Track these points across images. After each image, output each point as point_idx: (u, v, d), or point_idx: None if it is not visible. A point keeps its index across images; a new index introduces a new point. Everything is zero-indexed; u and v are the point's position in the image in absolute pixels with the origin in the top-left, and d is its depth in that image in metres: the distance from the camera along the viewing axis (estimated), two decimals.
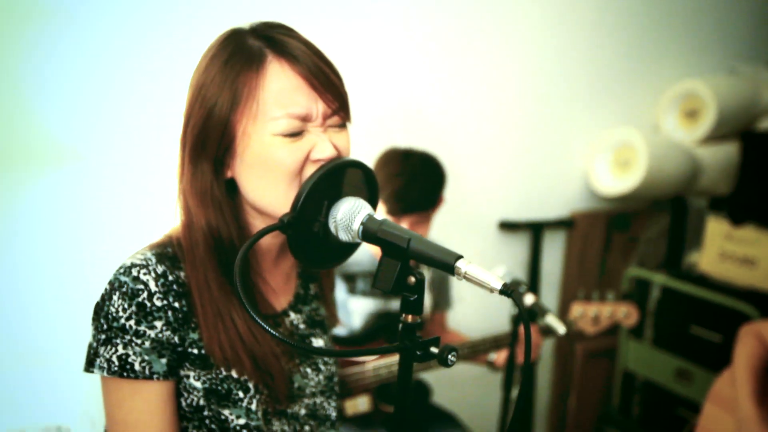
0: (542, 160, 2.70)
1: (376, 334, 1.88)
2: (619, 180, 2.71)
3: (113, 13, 1.70)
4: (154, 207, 1.72)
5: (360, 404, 1.81)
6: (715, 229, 2.70)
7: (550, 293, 2.84)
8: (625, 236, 2.95)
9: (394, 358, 1.81)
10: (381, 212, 1.80)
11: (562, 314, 2.65)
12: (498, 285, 0.77)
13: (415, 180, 1.80)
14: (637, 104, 2.88)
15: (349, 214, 0.87)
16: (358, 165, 0.93)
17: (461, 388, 2.42)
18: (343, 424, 1.82)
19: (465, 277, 0.79)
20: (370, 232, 0.85)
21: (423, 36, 2.29)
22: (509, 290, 0.76)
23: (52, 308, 1.81)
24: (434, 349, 0.82)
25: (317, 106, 0.93)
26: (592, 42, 2.69)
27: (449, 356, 0.80)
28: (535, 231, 2.69)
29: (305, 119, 0.92)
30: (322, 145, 0.92)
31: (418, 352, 0.82)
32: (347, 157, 0.92)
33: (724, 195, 2.86)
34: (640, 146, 2.61)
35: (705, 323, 2.60)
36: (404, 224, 1.80)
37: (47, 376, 1.72)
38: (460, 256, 0.80)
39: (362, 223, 0.86)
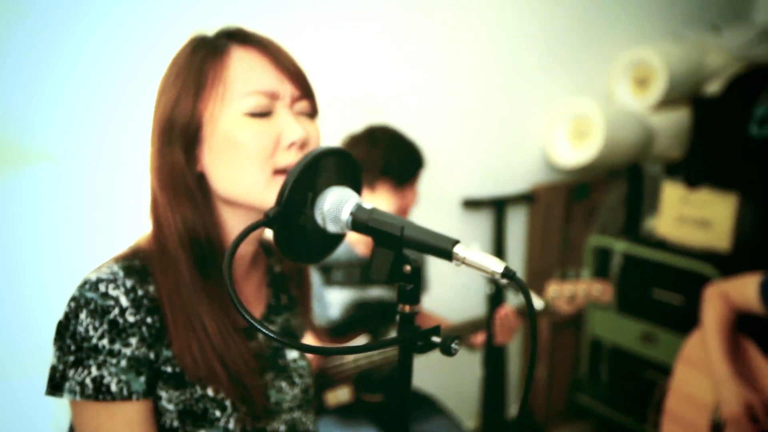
0: (501, 136, 2.70)
1: (355, 324, 1.85)
2: (577, 151, 2.74)
3: (112, 13, 1.69)
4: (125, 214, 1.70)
5: (341, 395, 1.78)
6: (671, 193, 2.76)
7: (515, 267, 2.84)
8: (585, 206, 3.00)
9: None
10: (383, 189, 1.84)
11: (531, 289, 2.67)
12: (499, 268, 0.74)
13: (406, 144, 1.87)
14: (590, 74, 2.91)
15: (337, 204, 0.83)
16: (340, 153, 0.89)
17: (438, 369, 2.41)
18: (324, 416, 1.79)
19: (464, 263, 0.76)
20: (360, 222, 0.82)
21: (377, 16, 2.25)
22: (511, 273, 0.74)
23: (47, 311, 1.74)
24: (436, 339, 0.79)
25: (284, 87, 0.93)
26: (543, 14, 2.70)
27: (452, 345, 0.78)
28: (498, 207, 2.70)
29: (273, 97, 0.91)
30: (292, 127, 0.91)
31: (420, 343, 0.79)
32: (328, 146, 0.88)
33: (678, 160, 2.92)
34: (596, 117, 2.64)
35: (667, 286, 2.66)
36: (409, 190, 1.87)
37: (18, 389, 1.65)
38: (457, 241, 0.77)
39: (351, 213, 0.82)
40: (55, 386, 0.87)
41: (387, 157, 1.81)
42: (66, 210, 1.74)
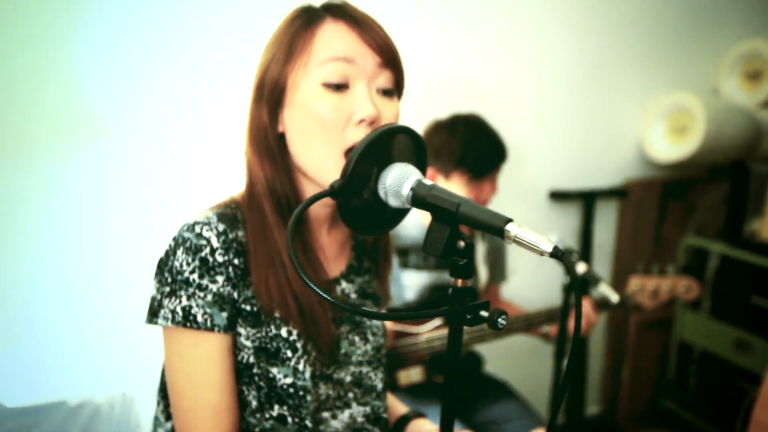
0: (594, 128, 2.64)
1: (430, 306, 1.89)
2: (674, 146, 2.63)
3: (122, 4, 1.69)
4: (154, 202, 1.73)
5: (413, 375, 1.82)
6: None
7: (603, 264, 2.79)
8: (681, 205, 2.87)
9: (446, 330, 1.82)
10: (459, 180, 1.84)
11: (617, 286, 2.61)
12: (548, 248, 0.76)
13: (489, 137, 1.86)
14: (695, 67, 2.77)
15: (399, 179, 0.87)
16: (407, 131, 0.93)
17: (514, 358, 2.41)
18: (396, 394, 1.84)
19: (515, 241, 0.78)
20: (420, 197, 0.85)
21: (470, 3, 2.25)
22: (560, 253, 0.76)
23: (47, 311, 1.74)
24: (484, 313, 0.82)
25: (365, 55, 0.96)
26: (647, 6, 2.60)
27: (499, 319, 0.80)
28: (587, 200, 2.64)
29: (349, 61, 0.95)
30: (364, 104, 0.94)
31: (468, 316, 0.82)
32: (396, 124, 0.92)
33: None
34: (697, 110, 2.52)
35: (766, 293, 2.52)
36: (487, 183, 1.86)
37: (114, 344, 1.74)
38: (510, 220, 0.79)
39: (412, 189, 0.86)
40: (153, 313, 0.98)
41: (464, 147, 1.81)
42: (67, 204, 1.73)
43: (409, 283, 1.90)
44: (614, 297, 1.61)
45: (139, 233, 1.74)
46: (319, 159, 0.96)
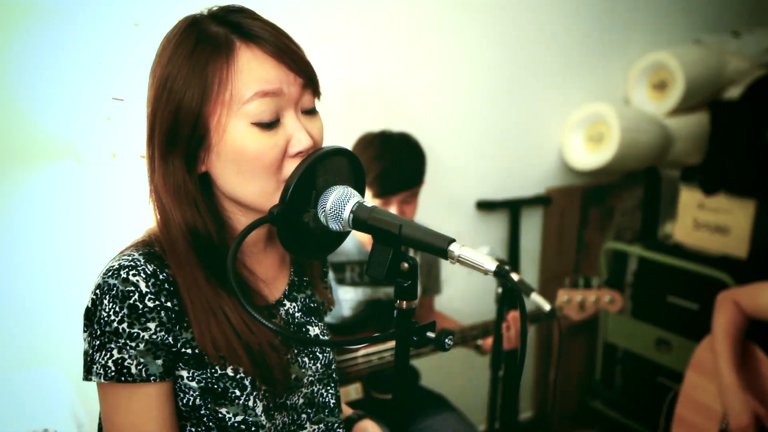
0: (517, 139, 2.71)
1: (366, 322, 1.88)
2: (593, 154, 2.73)
3: (115, 9, 1.69)
4: (144, 210, 1.70)
5: (352, 392, 1.81)
6: (688, 198, 2.75)
7: (530, 271, 2.86)
8: (601, 210, 2.99)
9: (385, 345, 1.81)
10: (368, 196, 1.80)
11: (544, 292, 2.68)
12: (492, 267, 0.76)
13: (399, 158, 1.82)
14: (607, 78, 2.90)
15: (339, 203, 0.86)
16: (343, 152, 0.92)
17: (448, 370, 2.43)
18: None
19: (459, 261, 0.78)
20: (361, 220, 0.84)
21: (392, 17, 2.27)
22: (504, 271, 0.76)
23: (37, 311, 1.79)
24: (431, 334, 0.82)
25: (288, 80, 0.91)
26: (560, 18, 2.70)
27: (446, 340, 0.80)
28: (513, 209, 2.71)
29: (277, 94, 0.90)
30: (298, 136, 0.91)
31: (415, 338, 0.82)
32: (332, 146, 0.91)
33: (695, 165, 2.90)
34: (612, 120, 2.64)
35: (682, 292, 2.65)
36: (394, 204, 1.81)
37: (31, 379, 1.69)
38: (453, 240, 0.79)
39: (352, 212, 0.85)
40: (87, 370, 0.91)
41: (369, 164, 1.78)
42: (66, 206, 1.78)
43: (346, 299, 1.88)
44: (546, 306, 1.65)
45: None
46: (259, 191, 0.92)
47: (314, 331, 1.10)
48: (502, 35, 2.55)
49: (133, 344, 0.89)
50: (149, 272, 0.91)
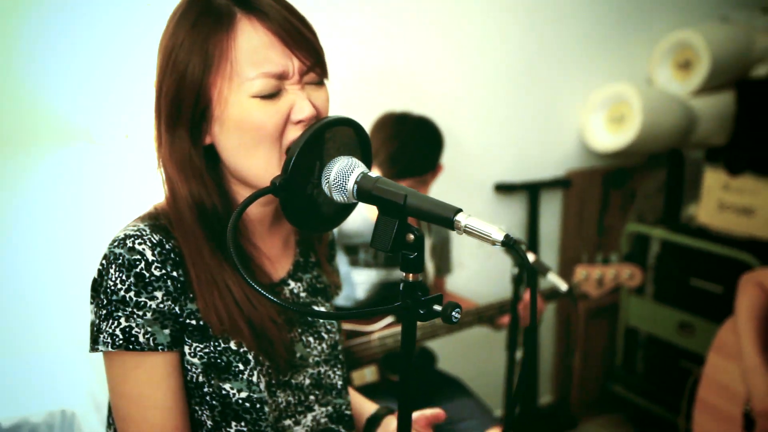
0: (536, 120, 2.67)
1: (381, 304, 1.86)
2: (614, 136, 2.68)
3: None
4: (155, 190, 1.70)
5: (367, 374, 1.80)
6: (713, 180, 2.68)
7: (549, 254, 2.82)
8: (622, 192, 2.94)
9: (399, 328, 1.80)
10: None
11: (564, 274, 2.64)
12: (500, 236, 0.74)
13: (411, 142, 1.79)
14: (630, 58, 2.84)
15: (343, 173, 0.84)
16: (349, 122, 0.90)
17: (466, 353, 2.41)
18: None
19: (465, 231, 0.76)
20: (365, 191, 0.82)
21: (414, 1, 2.24)
22: (511, 241, 0.74)
23: (52, 294, 1.80)
24: (437, 307, 0.80)
25: (292, 63, 0.90)
26: None
27: (453, 312, 0.78)
28: (532, 192, 2.67)
29: (281, 77, 0.89)
30: (300, 104, 0.90)
31: (421, 311, 0.80)
32: (336, 115, 0.89)
33: (720, 146, 2.83)
34: (634, 101, 2.58)
35: (705, 275, 2.60)
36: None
37: (49, 360, 1.71)
38: (459, 210, 0.77)
39: (356, 182, 0.83)
40: (93, 340, 0.91)
41: (380, 145, 1.76)
42: (67, 194, 1.78)
43: (360, 281, 1.87)
44: (563, 286, 1.62)
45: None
46: (263, 164, 0.91)
47: (321, 309, 1.08)
48: (521, 15, 2.51)
49: (140, 313, 0.89)
50: (155, 241, 0.91)
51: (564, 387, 2.96)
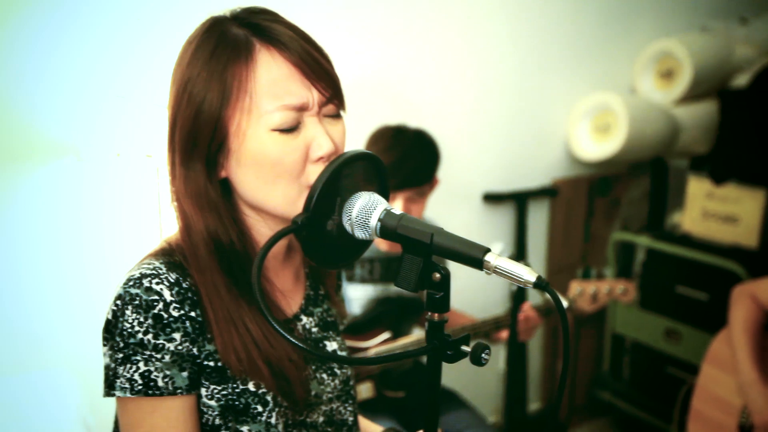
0: (523, 130, 2.67)
1: (377, 320, 1.85)
2: (600, 145, 2.70)
3: (115, 10, 1.66)
4: (154, 206, 1.68)
5: (363, 391, 1.78)
6: (697, 188, 2.72)
7: (536, 261, 2.83)
8: (607, 200, 2.96)
9: (396, 344, 1.79)
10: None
11: (551, 282, 2.65)
12: (531, 278, 0.73)
13: (408, 154, 1.79)
14: (614, 68, 2.86)
15: (365, 210, 0.82)
16: (367, 157, 0.88)
17: (458, 364, 2.40)
18: None
19: (495, 271, 0.75)
20: (389, 229, 0.80)
21: (398, 8, 2.23)
22: (544, 283, 0.73)
23: (38, 314, 1.76)
24: (466, 348, 0.78)
25: (312, 94, 0.88)
26: (565, 7, 2.66)
27: (483, 355, 0.77)
28: (519, 201, 2.67)
29: (301, 109, 0.87)
30: (319, 140, 0.88)
31: (449, 352, 0.78)
32: (356, 150, 0.87)
33: (704, 154, 2.87)
34: (619, 110, 2.60)
35: (691, 282, 2.63)
36: (399, 201, 1.77)
37: (42, 385, 1.66)
38: (488, 250, 0.76)
39: (380, 219, 0.81)
40: (109, 386, 0.87)
41: (397, 159, 1.75)
42: (65, 207, 1.75)
43: (356, 297, 1.86)
44: (564, 302, 1.63)
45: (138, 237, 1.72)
46: (281, 197, 0.89)
47: (332, 346, 1.06)
48: (507, 26, 2.51)
49: (159, 356, 0.86)
50: (172, 280, 0.88)
51: (552, 394, 2.97)
